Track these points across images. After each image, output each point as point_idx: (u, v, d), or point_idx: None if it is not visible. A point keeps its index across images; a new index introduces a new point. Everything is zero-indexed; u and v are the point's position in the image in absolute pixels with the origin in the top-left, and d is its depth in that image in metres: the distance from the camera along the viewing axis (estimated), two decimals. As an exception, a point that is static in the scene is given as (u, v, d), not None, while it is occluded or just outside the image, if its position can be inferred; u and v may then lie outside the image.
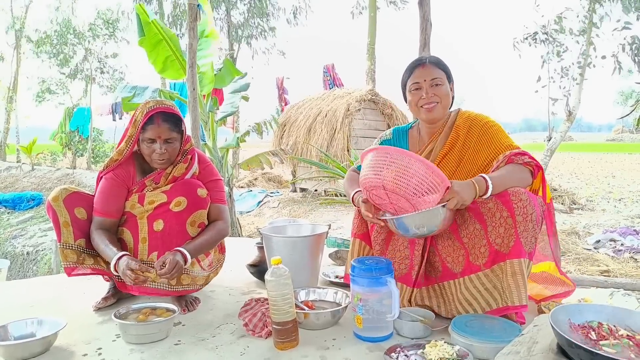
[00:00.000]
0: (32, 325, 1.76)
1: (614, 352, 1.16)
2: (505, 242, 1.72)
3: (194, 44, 3.76)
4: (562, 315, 1.35)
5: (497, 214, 1.73)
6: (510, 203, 1.70)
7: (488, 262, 1.77)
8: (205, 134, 5.27)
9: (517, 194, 1.71)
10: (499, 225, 1.72)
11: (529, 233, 1.70)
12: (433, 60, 2.01)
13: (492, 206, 1.74)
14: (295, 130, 9.91)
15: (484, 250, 1.77)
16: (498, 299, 1.75)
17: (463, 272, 1.84)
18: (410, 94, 2.00)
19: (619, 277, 3.30)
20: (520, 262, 1.69)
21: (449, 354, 1.50)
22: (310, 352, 1.65)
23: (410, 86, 1.99)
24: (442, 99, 1.95)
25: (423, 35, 2.82)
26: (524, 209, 1.69)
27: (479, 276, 1.79)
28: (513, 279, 1.69)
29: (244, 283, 2.52)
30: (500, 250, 1.73)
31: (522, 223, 1.69)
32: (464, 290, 1.83)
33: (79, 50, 18.09)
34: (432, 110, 1.95)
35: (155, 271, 1.83)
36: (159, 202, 2.04)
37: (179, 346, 1.72)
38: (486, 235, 1.76)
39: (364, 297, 1.71)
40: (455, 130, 1.98)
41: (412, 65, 2.02)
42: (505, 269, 1.71)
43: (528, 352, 1.29)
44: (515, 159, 1.82)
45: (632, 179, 13.15)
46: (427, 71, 1.95)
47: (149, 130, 1.99)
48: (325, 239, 2.42)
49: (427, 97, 1.94)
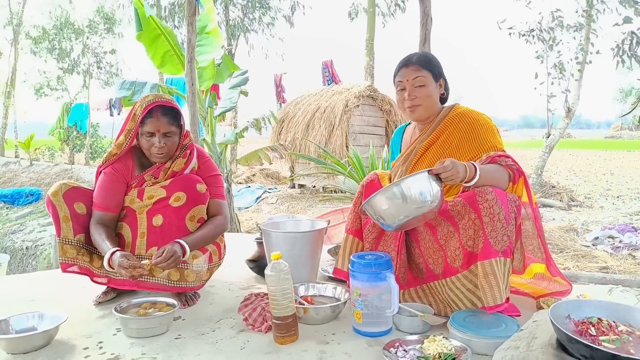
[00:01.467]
0: (33, 319, 1.76)
1: (614, 348, 1.16)
2: (475, 243, 1.74)
3: (192, 39, 3.75)
4: (561, 311, 1.36)
5: (466, 217, 1.75)
6: (477, 204, 1.71)
7: (464, 263, 1.79)
8: (204, 129, 5.26)
9: (483, 194, 1.71)
10: (469, 227, 1.75)
11: (498, 232, 1.69)
12: (420, 59, 1.99)
13: (460, 209, 1.77)
14: (293, 126, 9.89)
15: (459, 252, 1.80)
16: (482, 298, 1.75)
17: (444, 274, 1.87)
18: (397, 93, 2.04)
19: (617, 273, 3.32)
20: (491, 262, 1.68)
21: (448, 349, 1.51)
22: (309, 346, 1.66)
23: (395, 84, 2.03)
24: (424, 101, 1.96)
25: (423, 31, 2.81)
26: (490, 209, 1.69)
27: (459, 278, 1.82)
28: (485, 280, 1.68)
29: (244, 278, 2.53)
30: (472, 252, 1.76)
31: (490, 223, 1.69)
32: (448, 291, 1.85)
33: (77, 45, 18.01)
34: (415, 111, 1.98)
35: (151, 261, 1.82)
36: (158, 197, 2.04)
37: (180, 340, 1.73)
38: (459, 238, 1.79)
39: (364, 292, 1.71)
40: (442, 127, 1.99)
41: (399, 64, 2.03)
42: (477, 271, 1.71)
43: (527, 347, 1.30)
44: (499, 160, 1.81)
45: (631, 177, 13.16)
46: (410, 71, 1.96)
47: (148, 123, 1.99)
48: (325, 235, 2.43)
49: (409, 98, 1.96)
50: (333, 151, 8.78)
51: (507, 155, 1.84)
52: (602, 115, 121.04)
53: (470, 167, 1.69)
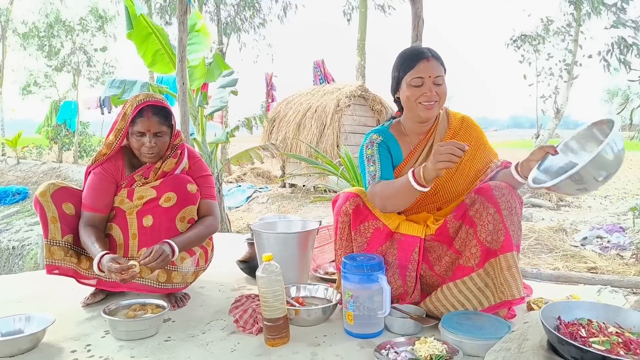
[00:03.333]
0: (20, 321, 1.74)
1: (604, 350, 1.17)
2: (495, 238, 1.72)
3: (183, 38, 3.72)
4: (552, 312, 1.37)
5: (484, 212, 1.73)
6: (495, 198, 1.71)
7: (480, 261, 1.76)
8: (195, 128, 5.23)
9: (499, 187, 1.72)
10: (488, 223, 1.72)
11: (515, 226, 1.72)
12: (436, 54, 1.87)
13: (478, 206, 1.74)
14: (285, 125, 9.88)
15: (475, 250, 1.76)
16: (490, 297, 1.75)
17: (454, 276, 1.82)
18: (410, 89, 1.84)
19: (606, 273, 3.35)
20: (512, 255, 1.70)
21: (439, 351, 1.51)
22: (301, 348, 1.65)
23: (410, 81, 1.84)
24: (442, 98, 1.85)
25: (415, 32, 2.81)
26: (507, 203, 1.71)
27: (472, 277, 1.78)
28: (509, 272, 1.69)
29: (234, 279, 2.51)
30: (491, 248, 1.73)
31: (508, 217, 1.71)
32: (456, 293, 1.80)
33: (67, 43, 17.81)
34: (432, 109, 1.84)
35: (139, 261, 1.80)
36: (148, 197, 2.02)
37: (169, 342, 1.71)
38: (476, 236, 1.76)
39: (355, 293, 1.71)
40: (453, 129, 1.97)
41: (413, 57, 1.86)
42: (500, 264, 1.71)
43: (518, 349, 1.30)
44: (509, 165, 1.86)
45: (618, 177, 13.32)
46: (432, 67, 1.82)
47: (139, 123, 1.97)
48: (316, 235, 2.43)
49: (430, 94, 1.82)
50: (324, 151, 8.78)
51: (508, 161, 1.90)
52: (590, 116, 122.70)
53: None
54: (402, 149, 1.99)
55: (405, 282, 1.91)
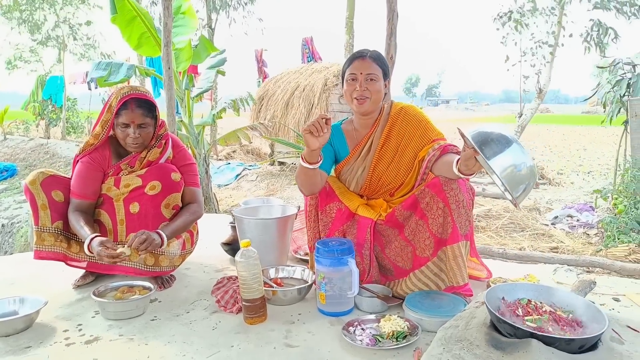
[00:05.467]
0: (14, 303, 1.87)
1: (534, 327, 1.33)
2: (444, 229, 1.90)
3: (168, 23, 3.77)
4: (497, 293, 1.53)
5: (434, 206, 1.90)
6: (444, 193, 1.87)
7: (434, 251, 1.94)
8: (182, 110, 5.30)
9: (448, 183, 1.88)
10: (438, 216, 1.89)
11: (462, 217, 1.90)
12: (374, 55, 2.07)
13: (429, 200, 1.91)
14: (273, 104, 9.93)
15: (429, 242, 1.94)
16: (445, 279, 1.94)
17: (413, 267, 2.00)
18: (347, 84, 2.06)
19: (566, 253, 3.55)
20: (458, 246, 1.88)
21: (401, 327, 1.67)
22: (276, 326, 1.81)
23: (347, 76, 2.06)
24: (373, 95, 2.03)
25: (390, 25, 2.90)
26: (455, 197, 1.87)
27: (428, 266, 1.96)
28: (455, 262, 1.89)
29: (218, 260, 2.65)
30: (441, 238, 1.91)
31: (456, 210, 1.88)
32: (416, 282, 1.99)
33: (50, 16, 17.45)
34: (363, 104, 2.03)
35: (129, 246, 1.92)
36: (134, 185, 2.13)
37: (155, 322, 1.86)
38: (428, 228, 1.93)
39: (327, 275, 1.86)
40: (391, 121, 2.12)
41: (352, 56, 2.08)
42: (447, 253, 1.90)
43: (465, 326, 1.46)
44: (449, 148, 1.98)
45: (602, 152, 13.57)
46: (366, 65, 2.02)
47: (123, 115, 2.07)
48: (295, 219, 2.57)
49: (360, 90, 2.01)
50: (311, 129, 8.86)
51: (452, 144, 2.02)
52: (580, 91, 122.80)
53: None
54: (349, 143, 2.18)
55: (362, 260, 2.08)
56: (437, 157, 1.98)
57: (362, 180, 2.15)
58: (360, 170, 2.15)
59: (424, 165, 2.03)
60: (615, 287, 2.19)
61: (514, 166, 1.47)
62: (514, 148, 1.48)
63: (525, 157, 1.48)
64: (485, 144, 1.49)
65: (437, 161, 1.97)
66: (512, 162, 1.47)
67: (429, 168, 2.01)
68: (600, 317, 1.36)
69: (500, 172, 1.46)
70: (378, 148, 2.11)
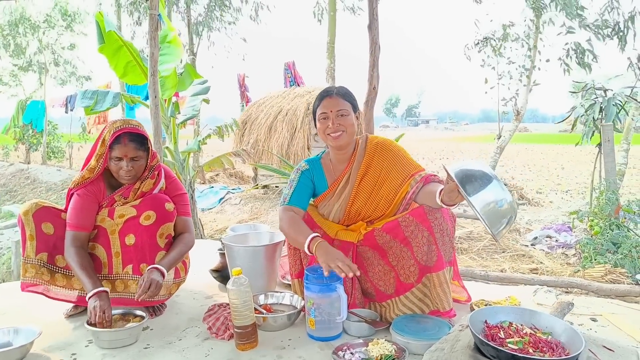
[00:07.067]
0: (8, 334, 1.89)
1: (516, 349, 1.41)
2: (429, 257, 1.98)
3: (155, 53, 3.86)
4: (480, 317, 1.61)
5: (419, 235, 1.97)
6: (428, 222, 1.96)
7: (419, 278, 2.01)
8: (167, 137, 5.36)
9: (432, 212, 1.97)
10: (423, 245, 1.98)
11: (446, 245, 2.00)
12: (341, 91, 2.17)
13: (414, 228, 1.99)
14: (256, 128, 10.00)
15: (414, 269, 2.01)
16: (429, 304, 2.02)
17: (397, 292, 2.07)
18: (319, 122, 2.16)
19: (545, 274, 3.67)
20: (443, 273, 1.98)
21: (389, 351, 1.74)
22: (268, 352, 1.85)
23: (319, 115, 2.16)
24: (347, 128, 2.12)
25: (372, 57, 3.04)
26: (439, 226, 1.97)
27: (413, 292, 2.04)
28: (441, 288, 1.98)
29: (207, 287, 2.69)
30: (426, 265, 1.99)
31: (440, 238, 1.97)
32: (401, 307, 2.06)
33: (33, 42, 17.43)
34: (339, 138, 2.12)
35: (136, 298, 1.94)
36: (128, 215, 2.18)
37: (148, 349, 1.89)
38: (413, 255, 2.00)
39: (316, 301, 1.92)
40: (368, 154, 2.20)
41: (320, 95, 2.19)
42: (433, 280, 1.98)
43: (451, 349, 1.54)
44: (431, 178, 2.08)
45: (580, 170, 13.92)
46: (334, 102, 2.12)
47: (116, 149, 2.12)
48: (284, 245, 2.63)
49: (333, 126, 2.10)
50: (295, 154, 8.95)
51: (432, 173, 2.12)
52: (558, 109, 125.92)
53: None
54: (327, 179, 2.25)
55: (345, 283, 2.13)
56: (420, 189, 2.07)
57: (341, 214, 2.22)
58: (336, 206, 2.22)
59: (407, 198, 2.10)
60: (592, 307, 2.29)
61: (495, 202, 1.57)
62: (494, 185, 1.58)
63: (504, 194, 1.59)
64: (468, 181, 1.59)
65: (420, 191, 2.06)
66: (493, 199, 1.57)
67: (412, 199, 2.10)
68: (578, 339, 1.45)
69: (481, 208, 1.56)
70: (356, 184, 2.18)
